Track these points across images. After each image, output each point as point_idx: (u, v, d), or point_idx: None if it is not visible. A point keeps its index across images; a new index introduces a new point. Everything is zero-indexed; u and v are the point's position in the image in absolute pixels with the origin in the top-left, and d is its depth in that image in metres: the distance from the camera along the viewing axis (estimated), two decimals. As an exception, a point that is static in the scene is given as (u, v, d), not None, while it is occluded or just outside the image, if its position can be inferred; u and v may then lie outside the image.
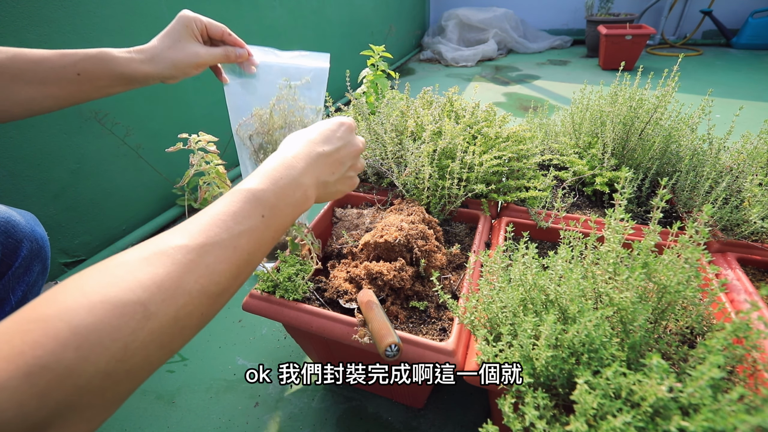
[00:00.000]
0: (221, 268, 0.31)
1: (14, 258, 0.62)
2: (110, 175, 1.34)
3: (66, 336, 0.23)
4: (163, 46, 0.60)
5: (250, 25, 1.86)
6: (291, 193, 0.40)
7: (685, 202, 0.86)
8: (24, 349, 0.22)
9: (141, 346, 0.25)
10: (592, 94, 1.11)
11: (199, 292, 0.29)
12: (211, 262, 0.31)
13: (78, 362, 0.23)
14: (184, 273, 0.29)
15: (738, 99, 2.55)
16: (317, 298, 0.73)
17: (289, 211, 0.40)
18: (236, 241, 0.33)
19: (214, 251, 0.31)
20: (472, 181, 0.87)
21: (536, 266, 0.54)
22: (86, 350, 0.23)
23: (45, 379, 0.22)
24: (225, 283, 0.32)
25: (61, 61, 0.55)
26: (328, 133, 0.48)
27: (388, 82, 1.18)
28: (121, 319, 0.25)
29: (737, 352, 0.43)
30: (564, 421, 0.41)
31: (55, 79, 0.55)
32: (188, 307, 0.28)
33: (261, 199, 0.36)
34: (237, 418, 0.90)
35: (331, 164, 0.47)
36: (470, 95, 2.43)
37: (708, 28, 3.90)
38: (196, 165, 0.60)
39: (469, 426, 0.85)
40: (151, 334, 0.26)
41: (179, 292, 0.28)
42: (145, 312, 0.26)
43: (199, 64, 0.61)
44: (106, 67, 0.58)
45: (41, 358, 0.22)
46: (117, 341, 0.24)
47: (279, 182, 0.39)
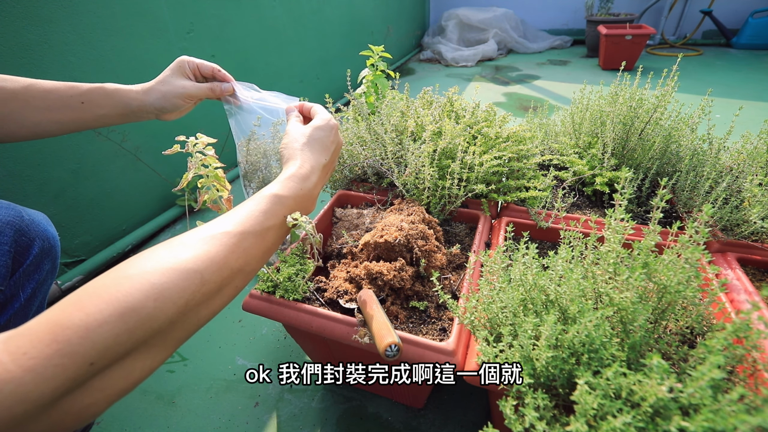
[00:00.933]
0: (254, 252, 0.40)
1: (26, 256, 0.64)
2: (110, 176, 1.34)
3: (148, 290, 0.30)
4: (156, 81, 0.68)
5: (250, 25, 1.86)
6: (303, 202, 0.49)
7: (685, 202, 0.86)
8: (119, 296, 0.29)
9: (196, 304, 0.33)
10: (592, 94, 1.11)
11: (239, 269, 0.38)
12: (247, 246, 0.39)
13: (155, 310, 0.30)
14: (229, 252, 0.37)
15: (738, 99, 2.55)
16: (317, 298, 0.73)
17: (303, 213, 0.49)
18: (265, 233, 0.42)
19: (250, 238, 0.40)
20: (472, 181, 0.87)
21: (536, 266, 0.54)
22: (161, 302, 0.31)
23: (133, 320, 0.29)
24: (255, 264, 0.41)
25: (70, 92, 0.62)
26: (325, 141, 0.56)
27: (388, 83, 1.18)
28: (186, 282, 0.33)
29: (737, 352, 0.42)
30: (564, 422, 0.41)
31: (60, 107, 0.62)
32: (230, 280, 0.37)
33: (285, 204, 0.46)
34: (237, 418, 0.90)
35: (328, 169, 0.57)
36: (470, 95, 2.43)
37: (708, 28, 3.90)
38: (194, 169, 0.60)
39: (469, 426, 0.85)
40: (204, 296, 0.34)
41: (225, 266, 0.36)
42: (201, 279, 0.34)
43: (187, 96, 0.70)
44: (108, 97, 0.65)
45: (131, 303, 0.29)
46: (182, 298, 0.32)
47: (299, 193, 0.48)
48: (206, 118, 1.69)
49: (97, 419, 0.91)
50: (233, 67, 1.78)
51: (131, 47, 1.32)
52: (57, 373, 0.25)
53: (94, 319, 0.28)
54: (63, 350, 0.26)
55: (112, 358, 0.28)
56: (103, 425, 0.91)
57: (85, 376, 0.27)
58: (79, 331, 0.27)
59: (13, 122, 0.58)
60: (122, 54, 1.29)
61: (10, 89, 0.57)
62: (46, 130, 0.63)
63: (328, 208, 0.95)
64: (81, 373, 0.27)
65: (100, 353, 0.27)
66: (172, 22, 1.46)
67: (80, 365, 0.26)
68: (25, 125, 0.60)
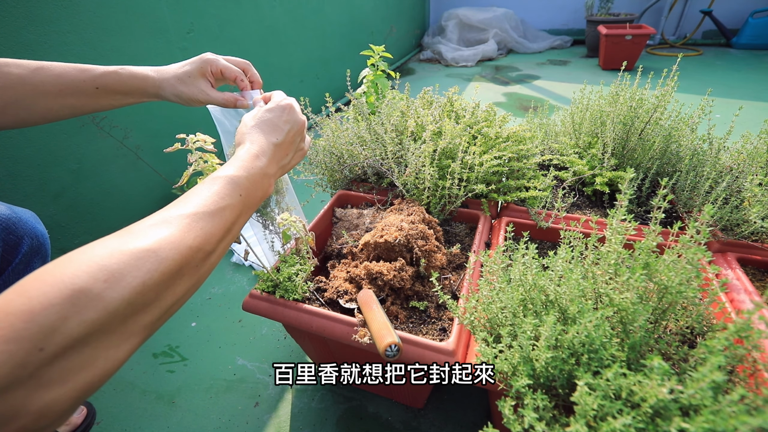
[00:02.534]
0: (212, 231, 0.39)
1: (15, 254, 0.63)
2: (110, 175, 1.34)
3: (96, 271, 0.29)
4: (175, 75, 0.65)
5: (250, 25, 1.86)
6: (258, 181, 0.48)
7: (685, 202, 0.86)
8: (64, 278, 0.28)
9: (155, 284, 0.32)
10: (592, 94, 1.11)
11: (197, 247, 0.37)
12: (203, 226, 0.38)
13: (106, 291, 0.29)
14: (184, 232, 0.36)
15: (738, 99, 2.54)
16: (317, 298, 0.73)
17: (258, 195, 0.49)
18: (221, 213, 0.41)
19: (205, 218, 0.39)
20: (472, 181, 0.87)
21: (536, 266, 0.54)
22: (112, 282, 0.30)
23: (82, 301, 0.28)
24: (216, 243, 0.40)
25: (81, 76, 0.60)
26: (276, 122, 0.55)
27: (388, 82, 1.18)
28: (138, 261, 0.32)
29: (738, 352, 0.42)
30: (564, 423, 0.41)
31: (73, 92, 0.59)
32: (189, 259, 0.36)
33: (238, 184, 0.45)
34: (237, 418, 0.90)
35: (284, 150, 0.55)
36: (470, 95, 2.43)
37: (708, 28, 3.90)
38: (194, 165, 0.60)
39: (469, 426, 0.85)
40: (163, 275, 0.33)
41: (183, 245, 0.35)
42: (157, 258, 0.33)
43: (200, 101, 0.68)
44: (124, 83, 0.62)
45: (77, 285, 0.28)
46: (136, 278, 0.31)
47: (251, 171, 0.47)
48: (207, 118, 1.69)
49: (97, 419, 0.91)
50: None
51: (131, 47, 1.32)
52: (3, 360, 0.24)
53: (38, 302, 0.26)
54: (7, 336, 0.25)
55: (65, 344, 0.27)
56: (103, 425, 0.91)
57: (37, 363, 0.26)
58: (22, 315, 0.26)
59: (23, 109, 0.56)
60: (122, 54, 1.29)
61: (16, 74, 0.55)
62: (59, 114, 0.60)
63: (328, 208, 0.95)
64: (31, 360, 0.25)
65: (48, 337, 0.26)
66: (172, 22, 1.46)
67: (28, 350, 0.25)
68: (36, 111, 0.57)
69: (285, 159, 0.56)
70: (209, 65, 0.66)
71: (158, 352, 1.08)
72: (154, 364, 1.04)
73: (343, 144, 1.01)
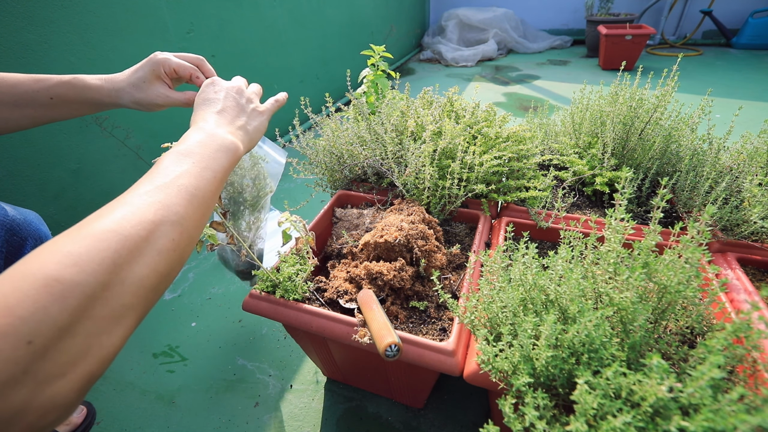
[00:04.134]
0: (174, 201, 0.38)
1: (18, 256, 0.63)
2: (110, 176, 1.34)
3: (61, 258, 0.29)
4: (128, 83, 0.63)
5: (250, 25, 1.86)
6: (211, 142, 0.47)
7: (685, 202, 0.86)
8: (33, 270, 0.28)
9: (126, 262, 0.32)
10: (592, 94, 1.11)
11: (161, 220, 0.36)
12: (162, 198, 0.38)
13: (79, 275, 0.29)
14: (144, 208, 0.36)
15: (738, 99, 2.55)
16: (317, 298, 0.73)
17: (221, 156, 0.47)
18: (177, 182, 0.40)
19: (163, 191, 0.39)
20: (472, 181, 0.87)
21: (536, 266, 0.54)
22: (82, 266, 0.29)
23: (58, 288, 0.27)
24: (183, 212, 0.39)
25: (35, 86, 0.59)
26: (208, 96, 0.55)
27: (388, 82, 1.18)
28: (102, 243, 0.31)
29: (737, 352, 0.42)
30: (564, 421, 0.41)
31: (28, 102, 0.59)
32: (156, 232, 0.35)
33: (187, 153, 0.44)
34: (237, 418, 0.90)
35: (230, 111, 0.54)
36: (470, 95, 2.43)
37: (708, 28, 3.90)
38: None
39: (469, 426, 0.85)
40: (130, 252, 0.32)
41: (145, 220, 0.35)
42: (120, 236, 0.32)
43: (161, 105, 0.66)
44: (78, 94, 0.61)
45: (49, 273, 0.28)
46: (105, 258, 0.31)
47: (197, 139, 0.47)
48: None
49: (97, 419, 0.91)
50: (233, 67, 1.78)
51: (131, 47, 1.32)
52: None
53: (13, 297, 0.26)
54: None
55: (52, 333, 0.27)
56: (103, 425, 0.91)
57: (28, 357, 0.25)
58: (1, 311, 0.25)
59: None
60: (122, 54, 1.29)
61: None
62: (19, 124, 0.60)
63: (328, 208, 0.95)
64: (20, 354, 0.25)
65: (32, 328, 0.26)
66: (172, 22, 1.46)
67: (14, 344, 0.25)
68: None
69: (238, 119, 0.55)
70: (161, 66, 0.63)
71: (158, 352, 1.08)
72: (154, 364, 1.04)
73: (343, 144, 1.01)
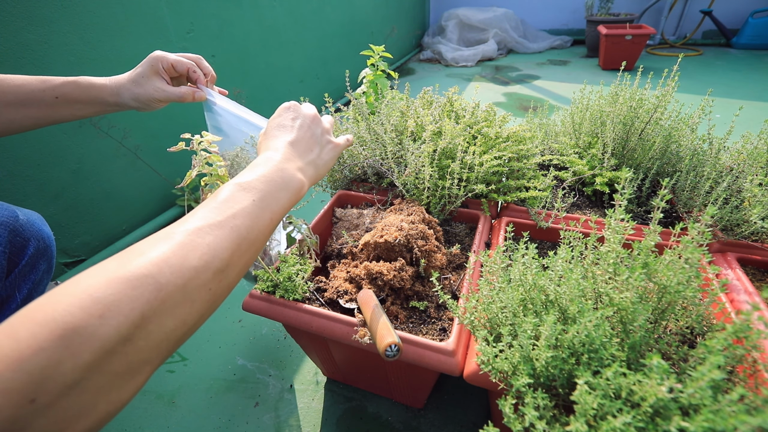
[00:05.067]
0: (222, 245, 0.35)
1: (21, 256, 0.63)
2: (110, 175, 1.34)
3: (89, 305, 0.26)
4: (128, 79, 0.67)
5: (250, 25, 1.86)
6: (278, 179, 0.44)
7: (685, 202, 0.86)
8: (56, 316, 0.25)
9: (155, 314, 0.29)
10: (592, 94, 1.11)
11: (203, 267, 0.33)
12: (211, 241, 0.34)
13: (102, 327, 0.26)
14: (187, 251, 0.32)
15: (738, 99, 2.55)
16: (317, 298, 0.73)
17: (283, 195, 0.44)
18: (231, 222, 0.37)
19: (213, 231, 0.35)
20: (472, 181, 0.87)
21: (536, 266, 0.54)
22: (108, 317, 0.26)
23: (76, 341, 0.25)
24: (228, 258, 0.35)
25: (41, 86, 0.61)
26: (283, 122, 0.53)
27: (388, 82, 1.18)
28: (136, 290, 0.28)
29: (737, 352, 0.42)
30: (564, 422, 0.41)
31: (34, 102, 0.60)
32: (195, 281, 0.32)
33: (248, 187, 0.41)
34: (237, 418, 0.90)
35: (303, 144, 0.52)
36: (470, 95, 2.43)
37: (708, 28, 3.90)
38: (199, 167, 0.60)
39: (469, 426, 0.85)
40: (163, 303, 0.29)
41: (185, 266, 0.32)
42: (156, 284, 0.29)
43: (158, 99, 0.68)
44: (83, 92, 0.63)
45: (71, 323, 0.25)
46: (134, 310, 0.28)
47: (264, 173, 0.44)
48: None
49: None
50: (233, 67, 1.78)
51: (131, 47, 1.32)
52: None
53: (27, 345, 0.23)
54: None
55: (58, 391, 0.24)
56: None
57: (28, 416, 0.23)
58: (10, 362, 0.23)
59: None
60: (122, 54, 1.29)
61: None
62: (22, 125, 0.61)
63: (328, 208, 0.95)
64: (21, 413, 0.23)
65: (39, 386, 0.23)
66: (172, 22, 1.46)
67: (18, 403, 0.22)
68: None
69: (310, 154, 0.52)
70: (159, 62, 0.67)
71: (158, 352, 1.08)
72: (154, 364, 1.04)
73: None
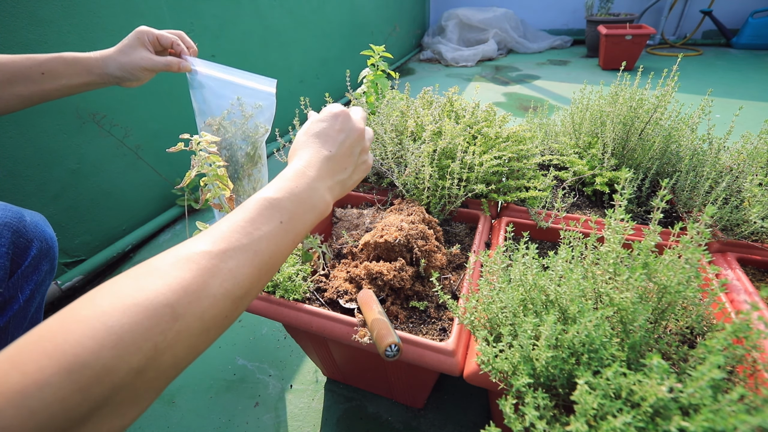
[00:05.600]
0: (243, 271, 0.33)
1: (24, 257, 0.63)
2: (110, 175, 1.34)
3: (103, 336, 0.24)
4: (115, 50, 0.69)
5: (250, 25, 1.86)
6: (307, 199, 0.41)
7: (685, 202, 0.86)
8: (66, 348, 0.23)
9: (169, 345, 0.27)
10: (592, 94, 1.11)
11: (223, 295, 0.31)
12: (233, 267, 0.32)
13: (114, 360, 0.24)
14: (208, 277, 0.30)
15: (738, 99, 2.55)
16: (317, 298, 0.73)
17: (309, 217, 0.42)
18: (256, 246, 0.35)
19: (236, 256, 0.33)
20: (472, 181, 0.87)
21: (536, 266, 0.54)
22: (121, 349, 0.25)
23: (86, 375, 0.23)
24: (248, 285, 0.33)
25: (27, 63, 0.62)
26: (328, 131, 0.48)
27: (388, 82, 1.18)
28: (152, 320, 0.26)
29: (737, 352, 0.42)
30: (564, 422, 0.41)
31: (21, 79, 0.61)
32: (213, 310, 0.30)
33: (278, 207, 0.38)
34: (237, 418, 0.90)
35: (339, 162, 0.48)
36: (470, 95, 2.43)
37: (708, 28, 3.90)
38: (198, 167, 0.60)
39: (469, 426, 0.85)
40: (178, 334, 0.28)
41: (204, 294, 0.30)
42: (173, 314, 0.28)
43: (144, 68, 0.70)
44: (68, 67, 0.64)
45: (81, 356, 0.23)
46: (148, 341, 0.26)
47: (294, 190, 0.41)
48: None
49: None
50: (233, 66, 1.78)
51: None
52: None
53: (33, 380, 0.22)
54: None
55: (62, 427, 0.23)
56: (103, 425, 0.91)
57: None
58: (14, 397, 0.21)
59: None
60: (122, 54, 1.29)
61: None
62: (8, 105, 0.62)
63: (328, 208, 0.95)
64: None
65: (43, 425, 0.22)
66: (172, 22, 1.46)
67: None
68: None
69: (343, 173, 0.48)
70: (145, 35, 0.70)
71: (158, 352, 1.08)
72: (154, 364, 1.04)
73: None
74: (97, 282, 1.32)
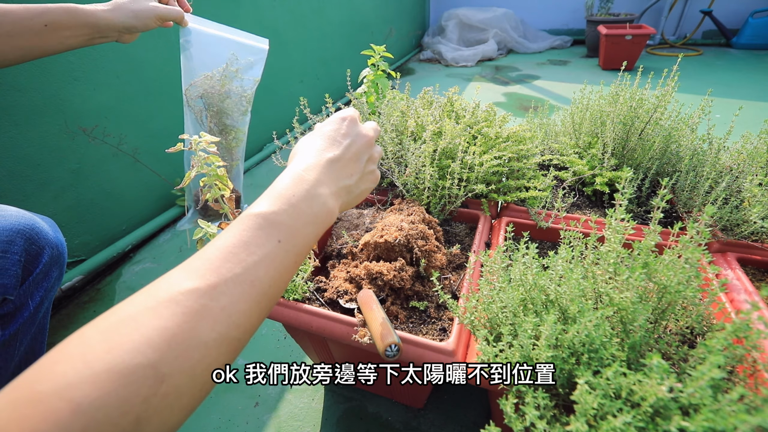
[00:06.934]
0: (240, 308, 0.28)
1: (36, 264, 0.62)
2: (110, 175, 1.34)
3: (68, 418, 0.20)
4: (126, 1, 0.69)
5: (250, 25, 1.86)
6: (307, 209, 0.36)
7: (685, 202, 0.86)
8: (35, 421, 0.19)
9: (155, 413, 0.23)
10: (592, 94, 1.11)
11: (216, 341, 0.26)
12: (227, 304, 0.27)
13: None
14: (197, 322, 0.26)
15: (738, 99, 2.55)
16: (317, 298, 0.73)
17: (311, 230, 0.36)
18: (253, 275, 0.29)
19: (230, 291, 0.28)
20: (472, 181, 0.87)
21: (536, 266, 0.54)
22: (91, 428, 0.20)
23: None
24: (245, 324, 0.29)
25: (28, 13, 0.59)
26: (332, 134, 0.45)
27: (388, 82, 1.18)
28: (130, 387, 0.22)
29: (737, 352, 0.43)
30: (564, 421, 0.41)
31: (21, 31, 0.58)
32: (206, 360, 0.26)
33: (275, 223, 0.33)
34: (237, 418, 0.90)
35: (345, 167, 0.43)
36: (470, 95, 2.43)
37: (708, 28, 3.90)
38: (198, 167, 0.60)
39: (469, 426, 0.85)
40: (165, 398, 0.23)
41: (193, 344, 0.25)
42: (156, 375, 0.23)
43: (159, 15, 0.71)
44: (72, 17, 0.63)
45: None
46: (127, 414, 0.21)
47: (292, 200, 0.35)
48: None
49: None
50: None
51: (131, 47, 1.32)
52: None
53: None
54: None
55: None
56: (103, 425, 0.91)
57: None
58: None
59: None
60: (122, 54, 1.29)
61: None
62: (7, 58, 0.59)
63: (328, 208, 0.95)
64: None
65: None
66: (172, 22, 1.46)
67: None
68: None
69: (347, 179, 0.43)
70: None
71: (158, 352, 1.08)
72: (155, 364, 1.04)
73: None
74: (97, 282, 1.32)
